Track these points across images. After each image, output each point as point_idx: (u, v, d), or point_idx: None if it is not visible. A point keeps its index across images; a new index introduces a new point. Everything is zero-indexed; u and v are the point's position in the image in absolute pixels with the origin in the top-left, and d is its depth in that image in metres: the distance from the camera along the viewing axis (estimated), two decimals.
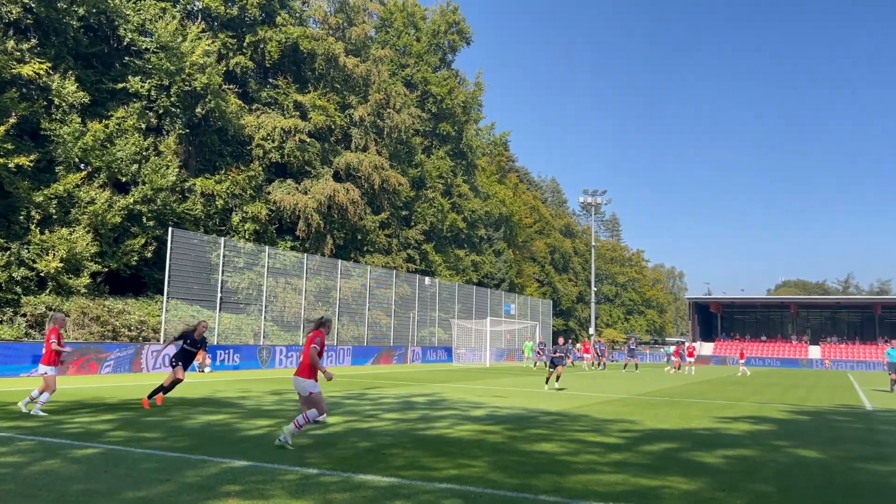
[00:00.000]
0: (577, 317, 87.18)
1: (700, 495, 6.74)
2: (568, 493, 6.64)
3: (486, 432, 10.80)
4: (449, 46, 57.51)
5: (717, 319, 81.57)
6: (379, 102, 45.08)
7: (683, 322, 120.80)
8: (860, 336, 76.23)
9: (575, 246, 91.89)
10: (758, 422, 13.66)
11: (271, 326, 33.76)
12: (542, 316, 61.08)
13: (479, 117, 60.96)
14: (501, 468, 7.80)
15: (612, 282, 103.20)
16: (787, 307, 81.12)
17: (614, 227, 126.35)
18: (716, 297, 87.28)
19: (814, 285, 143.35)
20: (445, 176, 53.32)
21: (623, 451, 9.35)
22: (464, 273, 54.12)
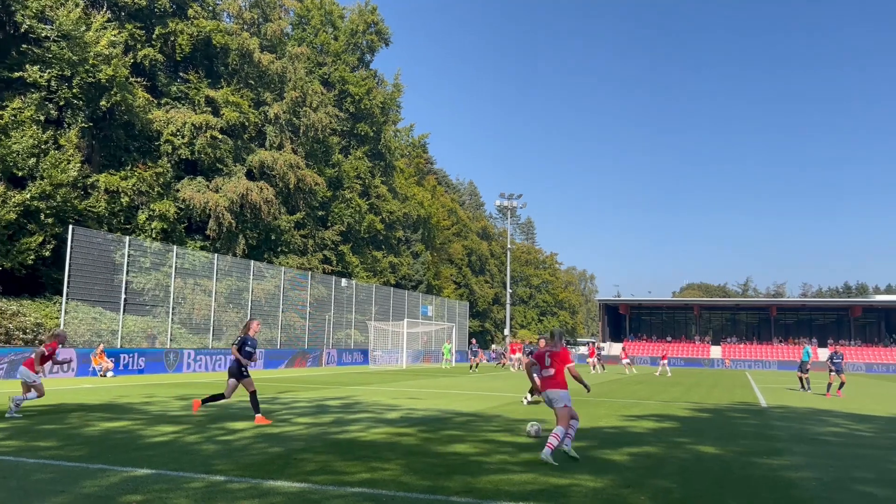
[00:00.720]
0: (493, 318, 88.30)
1: (606, 492, 6.93)
2: (479, 494, 6.70)
3: (400, 435, 10.77)
4: (367, 46, 57.20)
5: (626, 320, 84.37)
6: (295, 100, 44.35)
7: (594, 323, 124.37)
8: (758, 336, 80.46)
9: (491, 248, 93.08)
10: (661, 419, 14.19)
11: (179, 329, 32.60)
12: (459, 317, 61.54)
13: (398, 119, 60.92)
14: (414, 471, 7.79)
15: (527, 284, 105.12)
16: (691, 309, 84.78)
17: (529, 230, 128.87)
18: (625, 299, 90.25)
19: (716, 288, 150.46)
20: (363, 177, 52.97)
21: (534, 450, 9.50)
22: (381, 275, 53.90)
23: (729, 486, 7.48)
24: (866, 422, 14.94)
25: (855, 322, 77.50)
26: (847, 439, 11.81)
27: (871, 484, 7.76)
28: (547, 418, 13.58)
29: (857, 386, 33.54)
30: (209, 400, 13.04)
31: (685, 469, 8.43)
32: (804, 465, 8.85)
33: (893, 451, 10.37)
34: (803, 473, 8.29)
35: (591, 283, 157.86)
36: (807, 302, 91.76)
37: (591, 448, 9.86)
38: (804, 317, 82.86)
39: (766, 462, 9.08)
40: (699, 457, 9.40)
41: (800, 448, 10.46)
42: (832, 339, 75.35)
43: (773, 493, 7.10)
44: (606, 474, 7.88)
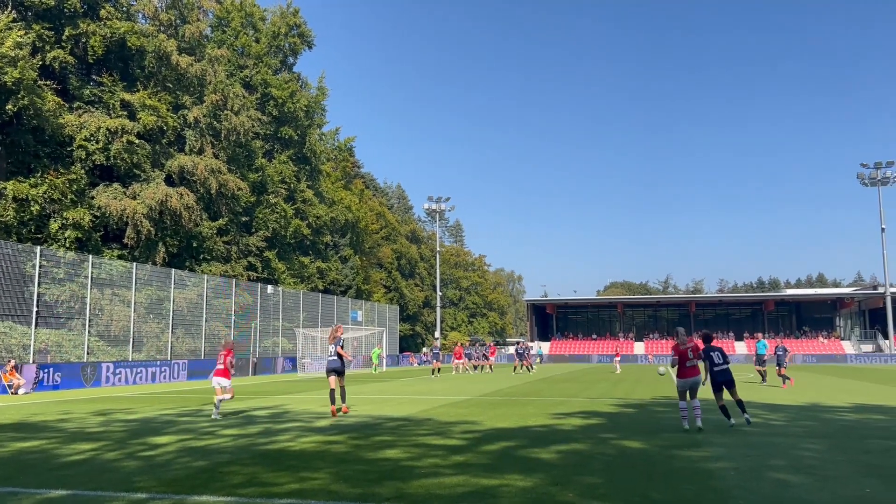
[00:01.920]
0: (424, 321, 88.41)
1: (536, 491, 7.03)
2: (410, 499, 6.68)
3: (329, 443, 10.65)
4: (290, 49, 56.39)
5: (553, 320, 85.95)
6: (215, 104, 43.31)
7: (522, 323, 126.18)
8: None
9: (421, 251, 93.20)
10: (589, 416, 14.51)
11: (97, 342, 31.31)
12: (390, 321, 61.37)
13: (323, 122, 60.28)
14: (344, 479, 7.71)
15: (457, 286, 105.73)
16: (615, 307, 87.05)
17: (458, 232, 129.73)
18: (551, 298, 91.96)
19: (638, 286, 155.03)
20: (288, 181, 52.15)
21: (464, 452, 9.56)
22: (309, 280, 53.18)
23: (653, 479, 7.70)
24: (779, 411, 15.67)
25: (768, 315, 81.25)
26: (762, 429, 12.35)
27: (784, 471, 8.14)
28: (478, 419, 13.69)
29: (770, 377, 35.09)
30: (333, 400, 14.77)
31: (611, 464, 8.64)
32: (723, 456, 9.21)
33: (804, 439, 10.91)
34: (722, 464, 8.62)
35: (518, 283, 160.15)
36: (724, 297, 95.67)
37: (521, 447, 9.99)
38: (721, 312, 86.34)
39: (687, 454, 9.40)
40: (624, 452, 9.65)
41: (719, 439, 10.87)
42: (747, 332, 78.76)
43: (693, 485, 7.36)
44: (535, 473, 7.99)
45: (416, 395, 21.80)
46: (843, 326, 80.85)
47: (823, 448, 9.91)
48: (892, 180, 67.76)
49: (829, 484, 7.37)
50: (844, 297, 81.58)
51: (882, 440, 10.77)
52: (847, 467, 8.36)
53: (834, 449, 9.82)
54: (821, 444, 10.36)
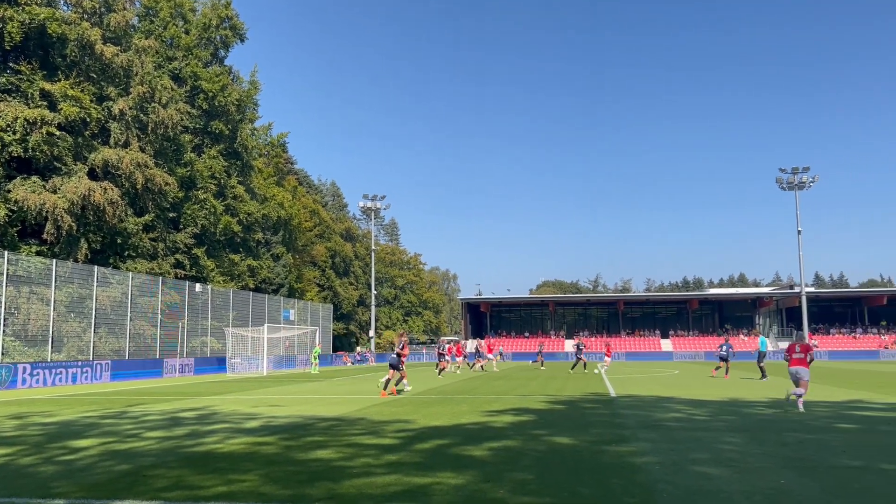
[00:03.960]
0: (358, 320, 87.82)
1: (467, 488, 7.08)
2: (342, 500, 6.63)
3: (259, 444, 10.45)
4: (221, 42, 55.06)
5: (487, 318, 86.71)
6: (142, 95, 41.92)
7: (457, 322, 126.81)
8: (607, 329, 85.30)
9: (356, 250, 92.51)
10: (520, 413, 14.70)
11: (13, 342, 29.89)
12: (323, 320, 60.69)
13: (255, 116, 59.04)
14: (274, 480, 7.58)
15: (392, 284, 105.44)
16: (547, 305, 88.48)
17: (393, 231, 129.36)
18: (485, 297, 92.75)
19: (569, 284, 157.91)
20: (219, 176, 50.91)
21: (397, 451, 9.54)
22: (239, 279, 52.08)
23: (581, 474, 7.86)
24: (702, 406, 16.23)
25: (693, 314, 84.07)
26: (686, 424, 12.77)
27: (707, 464, 8.43)
28: (412, 418, 13.68)
29: (692, 373, 36.33)
30: None
31: (541, 460, 8.77)
32: (648, 451, 9.47)
33: (725, 433, 11.33)
34: (647, 458, 8.87)
35: (454, 282, 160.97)
36: (650, 296, 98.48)
37: (454, 445, 10.04)
38: (648, 310, 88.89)
39: (614, 449, 9.64)
40: (554, 448, 9.81)
41: (645, 434, 11.18)
42: (672, 330, 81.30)
43: (620, 479, 7.55)
44: (467, 470, 8.04)
45: (349, 394, 21.65)
46: (762, 324, 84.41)
47: (743, 441, 10.31)
48: (807, 185, 71.07)
49: (748, 476, 7.68)
50: (763, 297, 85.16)
51: (797, 433, 11.28)
52: (764, 460, 8.72)
53: (752, 442, 10.24)
54: (741, 437, 10.78)
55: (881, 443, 10.13)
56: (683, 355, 70.95)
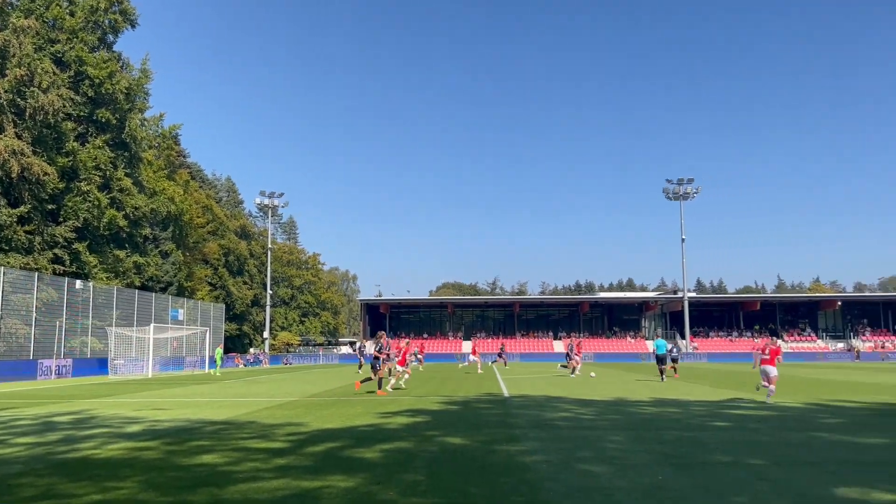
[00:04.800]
0: (252, 320, 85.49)
1: (357, 491, 7.02)
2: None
3: (140, 449, 9.97)
4: (110, 26, 52.21)
5: (386, 319, 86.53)
6: (20, 79, 39.21)
7: (356, 323, 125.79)
8: (503, 331, 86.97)
9: (251, 248, 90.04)
10: (415, 414, 14.73)
11: None
12: (214, 321, 58.69)
13: (146, 106, 56.29)
14: (155, 487, 7.25)
15: (289, 284, 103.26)
16: (446, 307, 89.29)
17: (291, 229, 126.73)
18: (385, 298, 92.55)
19: (468, 286, 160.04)
20: (104, 168, 48.25)
21: (287, 454, 9.35)
22: (124, 276, 49.57)
23: (471, 474, 7.96)
24: (589, 406, 16.81)
25: (584, 317, 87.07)
26: (573, 423, 13.18)
27: (591, 462, 8.73)
28: (304, 421, 13.44)
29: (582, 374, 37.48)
30: None
31: (433, 461, 8.82)
32: (537, 450, 9.71)
33: (610, 432, 11.78)
34: (536, 457, 9.09)
35: (353, 283, 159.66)
36: (545, 299, 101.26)
37: (346, 448, 9.93)
38: (543, 312, 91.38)
39: (505, 449, 9.82)
40: (447, 448, 9.89)
41: (535, 433, 11.46)
42: (564, 331, 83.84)
43: (509, 478, 7.70)
44: (358, 473, 7.97)
45: (240, 397, 21.02)
46: (647, 327, 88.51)
47: (626, 439, 10.75)
48: (691, 195, 75.20)
49: (629, 473, 8.01)
50: (649, 301, 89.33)
51: (675, 431, 11.88)
52: (645, 457, 9.12)
53: (634, 440, 10.69)
54: (624, 435, 11.23)
55: (750, 439, 10.81)
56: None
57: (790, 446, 10.07)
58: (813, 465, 8.52)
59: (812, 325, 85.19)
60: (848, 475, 7.82)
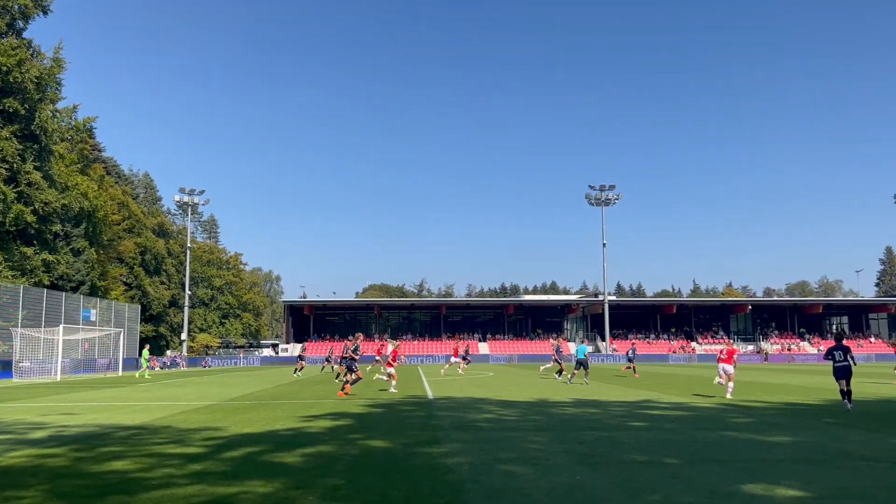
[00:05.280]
0: (170, 322, 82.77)
1: (276, 496, 6.87)
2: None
3: (46, 456, 9.48)
4: (20, 11, 49.58)
5: (311, 321, 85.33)
6: None
7: (279, 325, 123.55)
8: (429, 333, 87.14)
9: (169, 247, 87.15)
10: (338, 417, 14.56)
11: None
12: (129, 322, 56.51)
13: (58, 97, 53.68)
14: (60, 495, 6.90)
15: (209, 285, 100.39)
16: (372, 309, 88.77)
17: (212, 228, 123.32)
18: (310, 300, 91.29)
19: (395, 288, 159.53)
20: (11, 160, 45.76)
21: (204, 460, 9.07)
22: (32, 274, 47.13)
23: (393, 477, 7.92)
24: (512, 407, 17.01)
25: (508, 319, 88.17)
26: (496, 424, 13.31)
27: (512, 463, 8.83)
28: (223, 425, 13.08)
29: (506, 375, 38.00)
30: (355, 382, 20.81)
31: (355, 465, 8.73)
32: (459, 451, 9.75)
33: (531, 433, 11.94)
34: (458, 459, 9.12)
35: (276, 284, 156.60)
36: (471, 301, 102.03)
37: (265, 452, 9.72)
38: (469, 314, 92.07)
39: (427, 451, 9.81)
40: (369, 452, 9.81)
41: (457, 435, 11.51)
42: (490, 334, 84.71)
43: (430, 481, 7.69)
44: (277, 477, 7.81)
45: (156, 401, 20.30)
46: (569, 329, 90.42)
47: (546, 440, 10.93)
48: (613, 201, 77.34)
49: (548, 473, 8.14)
50: (571, 304, 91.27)
51: (594, 431, 12.15)
52: (564, 457, 9.29)
53: (555, 441, 10.88)
54: (545, 436, 11.42)
55: (665, 439, 11.16)
56: (499, 358, 74.14)
57: (702, 445, 10.45)
58: (723, 462, 8.86)
59: (724, 328, 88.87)
60: (755, 472, 8.17)
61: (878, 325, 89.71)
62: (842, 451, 9.70)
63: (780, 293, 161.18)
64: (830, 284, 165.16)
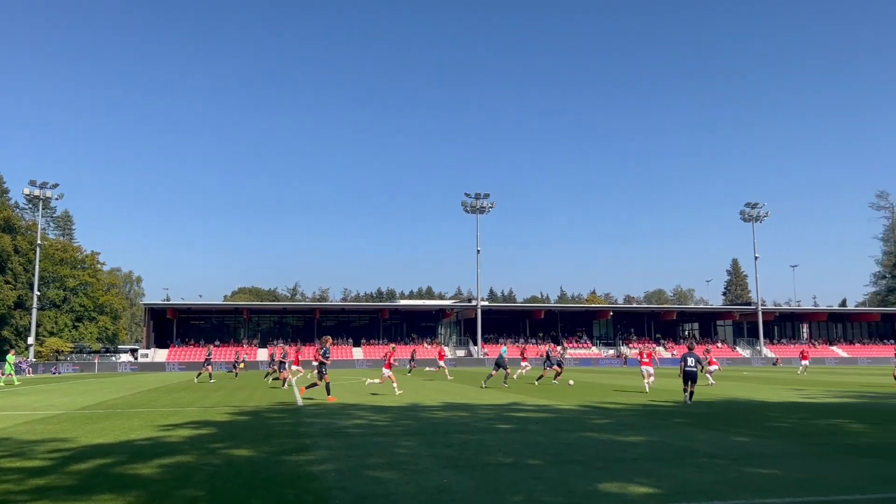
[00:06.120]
0: (15, 325, 76.37)
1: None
2: None
3: None
4: None
5: (174, 325, 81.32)
6: None
7: (139, 328, 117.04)
8: (302, 338, 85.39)
9: (16, 243, 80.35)
10: (200, 426, 13.95)
11: None
12: None
13: None
14: None
15: (61, 285, 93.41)
16: (241, 313, 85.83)
17: (67, 225, 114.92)
18: (173, 302, 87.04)
19: (266, 292, 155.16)
20: None
21: (48, 474, 8.41)
22: None
23: (256, 486, 7.67)
24: (383, 412, 16.97)
25: (384, 323, 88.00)
26: (366, 430, 13.22)
27: (380, 468, 8.79)
28: (72, 436, 12.18)
29: None
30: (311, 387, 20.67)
31: (215, 475, 8.39)
32: (327, 459, 9.60)
33: (401, 437, 11.96)
34: (325, 466, 8.97)
35: (137, 285, 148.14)
36: (345, 306, 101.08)
37: (118, 464, 9.15)
38: (343, 319, 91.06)
39: (293, 459, 9.59)
40: (231, 461, 9.46)
41: (326, 442, 11.33)
42: (365, 339, 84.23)
43: (295, 489, 7.51)
44: (131, 490, 7.37)
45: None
46: (444, 334, 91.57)
47: (415, 444, 10.98)
48: (487, 209, 79.25)
49: (416, 477, 8.17)
50: (446, 309, 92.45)
51: (462, 434, 12.34)
52: (432, 461, 9.36)
53: (424, 445, 10.95)
54: (414, 440, 11.46)
55: (529, 441, 11.52)
56: (374, 363, 73.82)
57: (564, 446, 10.87)
58: (582, 462, 9.25)
59: (588, 333, 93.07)
60: (612, 471, 8.58)
61: (725, 331, 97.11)
62: (689, 449, 10.39)
63: (639, 300, 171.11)
64: (684, 293, 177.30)
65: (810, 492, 7.30)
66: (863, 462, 9.24)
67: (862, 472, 8.45)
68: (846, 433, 12.58)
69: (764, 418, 15.27)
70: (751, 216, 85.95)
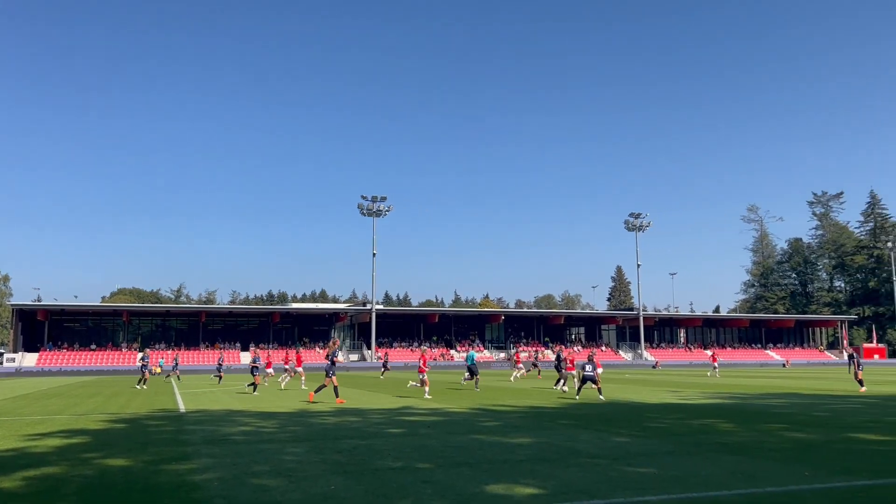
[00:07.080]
0: None
1: None
2: None
3: None
4: None
5: (45, 328, 76.13)
6: None
7: (5, 331, 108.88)
8: (186, 342, 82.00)
9: None
10: (71, 435, 13.11)
11: None
12: None
13: None
14: None
15: None
16: (121, 315, 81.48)
17: None
18: (45, 304, 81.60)
19: (149, 293, 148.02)
20: None
21: None
22: None
23: (132, 497, 7.28)
24: (271, 418, 16.55)
25: (274, 327, 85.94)
26: (252, 437, 12.83)
27: (266, 476, 8.54)
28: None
29: (270, 384, 36.96)
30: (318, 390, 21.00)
31: (88, 487, 7.89)
32: (210, 467, 9.23)
33: (289, 444, 11.68)
34: (207, 475, 8.63)
35: (3, 285, 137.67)
36: (234, 309, 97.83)
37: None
38: (231, 322, 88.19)
39: (174, 468, 9.17)
40: (105, 471, 8.93)
41: (209, 450, 10.90)
42: (254, 343, 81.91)
43: (174, 500, 7.18)
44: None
45: None
46: (337, 337, 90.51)
47: (304, 451, 10.75)
48: (384, 213, 79.04)
49: (303, 484, 7.99)
50: (340, 312, 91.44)
51: (352, 440, 12.21)
52: (320, 467, 9.20)
53: (312, 451, 10.74)
54: (302, 447, 11.23)
55: (419, 444, 11.54)
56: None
57: (453, 448, 10.96)
58: (471, 465, 9.35)
59: (480, 337, 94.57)
60: (499, 473, 8.72)
61: (609, 335, 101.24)
62: (573, 450, 10.73)
63: (530, 304, 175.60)
64: (571, 298, 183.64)
65: (684, 488, 7.69)
66: (731, 459, 9.83)
67: (730, 469, 9.00)
68: (717, 432, 13.37)
69: (643, 419, 15.98)
70: (634, 225, 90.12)
